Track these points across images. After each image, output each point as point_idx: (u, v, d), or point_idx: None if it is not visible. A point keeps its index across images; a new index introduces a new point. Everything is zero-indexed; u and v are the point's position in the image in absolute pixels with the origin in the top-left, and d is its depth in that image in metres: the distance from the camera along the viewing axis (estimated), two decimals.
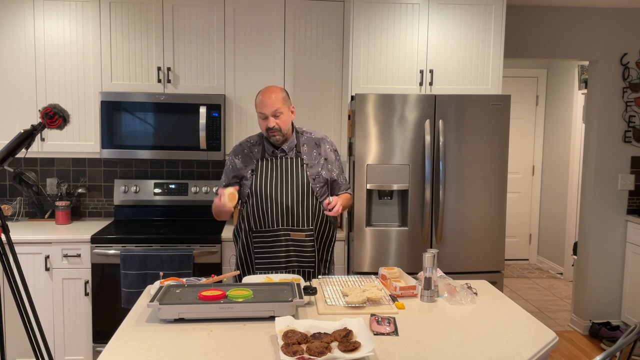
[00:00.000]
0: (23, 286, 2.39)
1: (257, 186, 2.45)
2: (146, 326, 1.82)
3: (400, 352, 1.64)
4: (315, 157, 2.52)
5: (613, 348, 1.47)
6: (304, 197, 2.45)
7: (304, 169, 2.47)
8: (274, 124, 2.39)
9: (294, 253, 2.47)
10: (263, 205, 2.44)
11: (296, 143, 2.50)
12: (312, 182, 2.47)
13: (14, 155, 2.31)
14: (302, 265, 2.49)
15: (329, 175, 2.53)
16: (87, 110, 3.45)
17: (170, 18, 3.43)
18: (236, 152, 2.55)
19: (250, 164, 2.49)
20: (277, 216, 2.44)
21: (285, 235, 2.45)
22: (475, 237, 3.27)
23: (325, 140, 2.58)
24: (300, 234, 2.45)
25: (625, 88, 4.09)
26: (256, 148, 2.52)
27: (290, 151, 2.49)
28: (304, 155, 2.50)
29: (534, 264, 6.49)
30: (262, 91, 2.43)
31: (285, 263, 2.47)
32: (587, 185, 4.21)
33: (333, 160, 2.56)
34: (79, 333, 3.26)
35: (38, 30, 3.38)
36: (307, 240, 2.47)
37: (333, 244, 2.61)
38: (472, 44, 3.42)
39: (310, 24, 3.51)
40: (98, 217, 3.83)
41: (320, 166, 2.51)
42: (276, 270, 2.46)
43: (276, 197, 2.43)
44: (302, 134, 2.55)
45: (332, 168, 2.55)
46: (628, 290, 4.15)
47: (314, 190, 2.47)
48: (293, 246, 2.46)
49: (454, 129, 3.21)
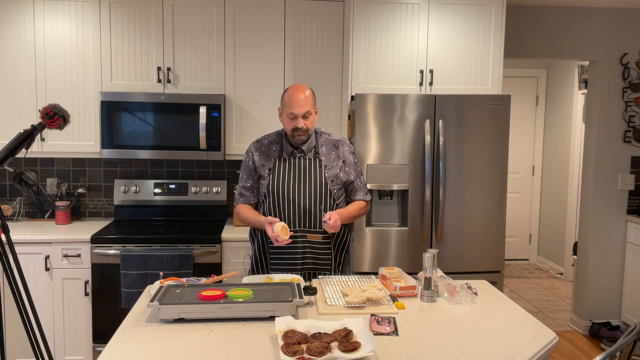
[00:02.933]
0: (23, 286, 2.39)
1: (275, 186, 2.41)
2: (146, 326, 1.82)
3: (400, 352, 1.64)
4: (334, 159, 2.48)
5: (613, 348, 1.47)
6: (321, 199, 2.41)
7: (322, 170, 2.43)
8: (302, 125, 2.35)
9: (310, 255, 2.43)
10: (280, 206, 2.41)
11: (315, 144, 2.47)
12: (330, 184, 2.43)
13: (14, 155, 2.31)
14: (318, 267, 2.45)
15: (347, 178, 2.49)
16: (87, 110, 3.45)
17: (170, 18, 3.43)
18: (255, 147, 2.51)
19: (268, 162, 2.46)
20: (294, 217, 2.40)
21: (302, 237, 2.41)
22: (475, 237, 3.27)
23: (344, 142, 2.54)
24: (317, 235, 2.41)
25: (625, 88, 4.09)
26: (274, 146, 2.48)
27: (309, 152, 2.45)
28: (322, 156, 2.46)
29: (534, 264, 6.49)
30: (291, 90, 2.37)
31: (301, 265, 2.42)
32: (587, 185, 4.21)
33: (352, 163, 2.52)
34: (79, 333, 3.26)
35: (38, 30, 3.38)
36: (323, 242, 2.43)
37: (347, 245, 2.57)
38: (472, 44, 3.42)
39: (310, 24, 3.51)
40: (98, 217, 3.83)
41: (339, 168, 2.47)
42: (292, 272, 2.41)
43: (294, 197, 2.40)
44: (320, 134, 2.52)
45: (349, 171, 2.50)
46: (628, 290, 4.15)
47: (332, 192, 2.43)
48: (310, 248, 2.42)
49: (454, 129, 3.21)
